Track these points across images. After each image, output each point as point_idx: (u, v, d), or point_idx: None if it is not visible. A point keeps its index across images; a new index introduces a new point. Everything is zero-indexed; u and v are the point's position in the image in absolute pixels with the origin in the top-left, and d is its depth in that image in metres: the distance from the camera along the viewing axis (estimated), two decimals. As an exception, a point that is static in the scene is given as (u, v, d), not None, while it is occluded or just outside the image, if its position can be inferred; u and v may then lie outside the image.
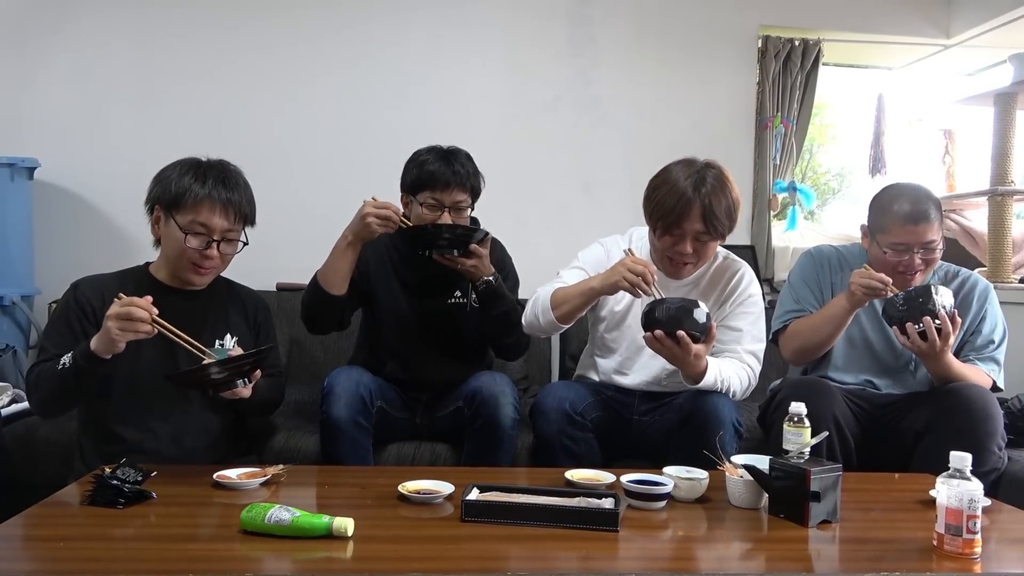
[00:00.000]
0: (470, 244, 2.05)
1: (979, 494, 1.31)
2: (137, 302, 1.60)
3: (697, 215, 1.95)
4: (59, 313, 1.84)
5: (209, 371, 1.66)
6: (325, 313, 2.14)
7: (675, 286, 2.11)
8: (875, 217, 2.15)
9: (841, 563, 1.36)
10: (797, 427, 1.55)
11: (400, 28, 3.39)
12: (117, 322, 1.58)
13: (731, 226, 2.01)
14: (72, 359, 1.66)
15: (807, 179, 4.15)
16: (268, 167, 3.27)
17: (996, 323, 2.18)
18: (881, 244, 2.11)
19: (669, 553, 1.41)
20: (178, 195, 1.79)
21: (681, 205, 1.94)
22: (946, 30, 3.71)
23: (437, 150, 2.16)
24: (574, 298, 2.02)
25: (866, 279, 2.00)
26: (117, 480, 1.48)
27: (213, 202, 1.79)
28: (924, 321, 1.93)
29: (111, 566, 1.21)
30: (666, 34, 3.53)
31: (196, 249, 1.80)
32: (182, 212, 1.79)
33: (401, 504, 1.53)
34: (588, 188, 3.47)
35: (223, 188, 1.81)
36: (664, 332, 1.81)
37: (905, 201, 2.07)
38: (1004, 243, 3.10)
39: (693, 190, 1.94)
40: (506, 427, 2.03)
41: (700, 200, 1.94)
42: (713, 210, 1.94)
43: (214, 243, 1.81)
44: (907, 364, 2.21)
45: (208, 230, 1.80)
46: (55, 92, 3.23)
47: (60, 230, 3.21)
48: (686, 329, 1.81)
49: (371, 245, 2.20)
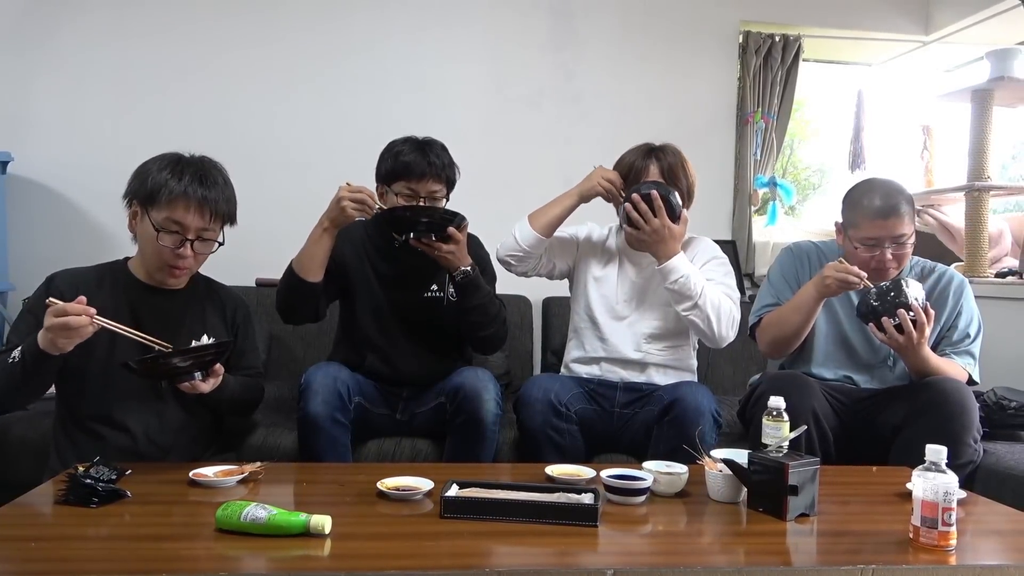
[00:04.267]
0: (448, 229, 2.01)
1: (954, 487, 1.32)
2: (70, 308, 1.54)
3: (655, 173, 2.16)
4: (29, 306, 1.80)
5: (168, 360, 1.64)
6: (300, 302, 2.12)
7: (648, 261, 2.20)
8: (847, 212, 2.17)
9: (819, 556, 1.37)
10: (776, 421, 1.56)
11: (381, 23, 3.37)
12: (56, 333, 1.54)
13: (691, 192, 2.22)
14: (21, 354, 1.62)
15: (787, 175, 4.17)
16: (247, 161, 3.22)
17: (972, 317, 2.21)
18: (852, 239, 2.13)
19: (649, 548, 1.42)
20: (154, 190, 1.75)
21: (638, 167, 2.18)
22: (925, 26, 3.75)
23: (412, 140, 2.15)
24: (551, 208, 2.23)
25: (842, 272, 2.02)
26: (91, 479, 1.46)
27: (188, 199, 1.75)
28: (899, 314, 1.95)
29: (84, 566, 1.19)
30: (648, 29, 3.54)
31: (169, 248, 1.77)
32: (157, 208, 1.76)
33: (380, 501, 1.52)
34: (570, 183, 3.44)
35: (200, 185, 1.77)
36: (640, 196, 2.06)
37: (875, 196, 2.08)
38: (981, 238, 3.13)
39: (646, 156, 2.19)
40: (488, 423, 2.02)
41: (657, 161, 2.18)
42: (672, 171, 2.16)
43: (188, 242, 1.78)
44: (885, 359, 2.23)
45: (182, 228, 1.76)
46: (29, 85, 3.17)
47: (34, 225, 3.16)
48: (660, 193, 2.06)
49: (347, 238, 2.19)
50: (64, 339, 1.56)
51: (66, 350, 1.59)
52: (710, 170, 3.56)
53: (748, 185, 3.58)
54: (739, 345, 2.82)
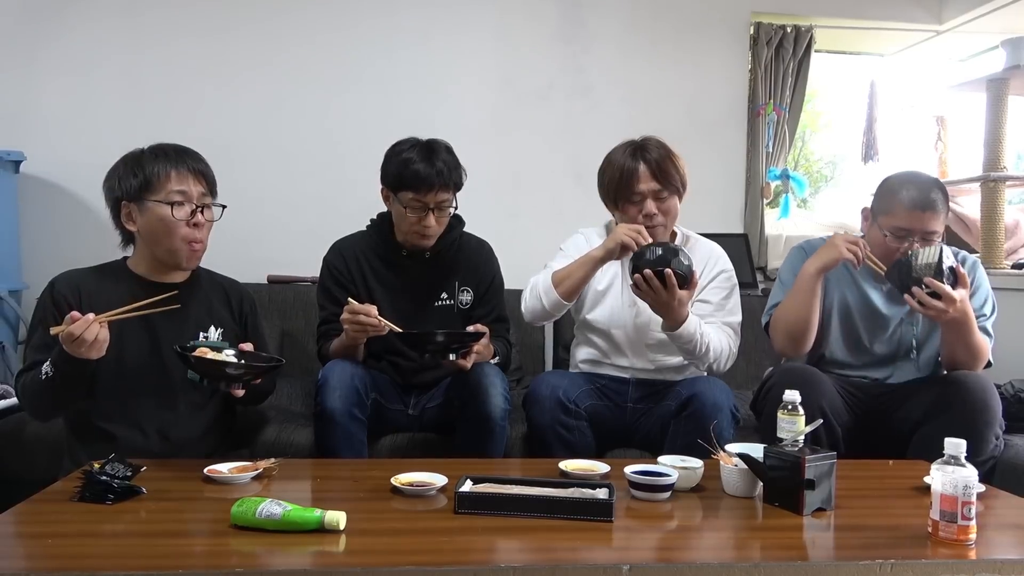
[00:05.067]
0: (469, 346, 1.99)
1: (974, 480, 1.30)
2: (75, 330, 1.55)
3: (647, 175, 2.09)
4: (38, 316, 1.81)
5: (226, 367, 1.70)
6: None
7: None
8: (881, 199, 2.12)
9: (836, 551, 1.36)
10: (791, 415, 1.55)
11: (389, 16, 3.36)
12: (81, 351, 1.57)
13: (684, 180, 2.13)
14: (52, 366, 1.64)
15: (800, 167, 4.14)
16: (258, 159, 3.26)
17: (987, 295, 2.18)
18: (883, 226, 2.09)
19: (664, 543, 1.41)
20: (147, 179, 1.78)
21: (628, 170, 2.09)
22: (938, 16, 3.71)
23: (418, 145, 2.11)
24: (575, 271, 2.07)
25: (853, 244, 2.03)
26: (106, 476, 1.46)
27: (182, 171, 1.80)
28: (927, 282, 1.93)
29: (101, 562, 1.19)
30: (658, 21, 3.52)
31: (185, 221, 1.79)
32: (157, 191, 1.78)
33: (394, 497, 1.52)
34: (581, 178, 3.44)
35: (187, 158, 1.83)
36: (652, 271, 1.89)
37: (914, 187, 2.05)
38: (997, 229, 3.09)
39: (633, 157, 2.10)
40: (496, 418, 2.01)
41: (644, 161, 2.09)
42: (661, 166, 2.08)
43: (198, 210, 1.81)
44: (908, 351, 2.20)
45: (187, 197, 1.80)
46: (41, 85, 3.19)
47: (47, 224, 3.18)
48: (673, 268, 1.89)
49: (348, 252, 2.21)
50: (93, 351, 1.59)
51: (101, 355, 1.62)
52: (721, 163, 3.55)
53: (760, 178, 3.56)
54: (752, 340, 2.82)
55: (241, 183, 2.02)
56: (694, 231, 2.31)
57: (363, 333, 1.99)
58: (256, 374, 1.76)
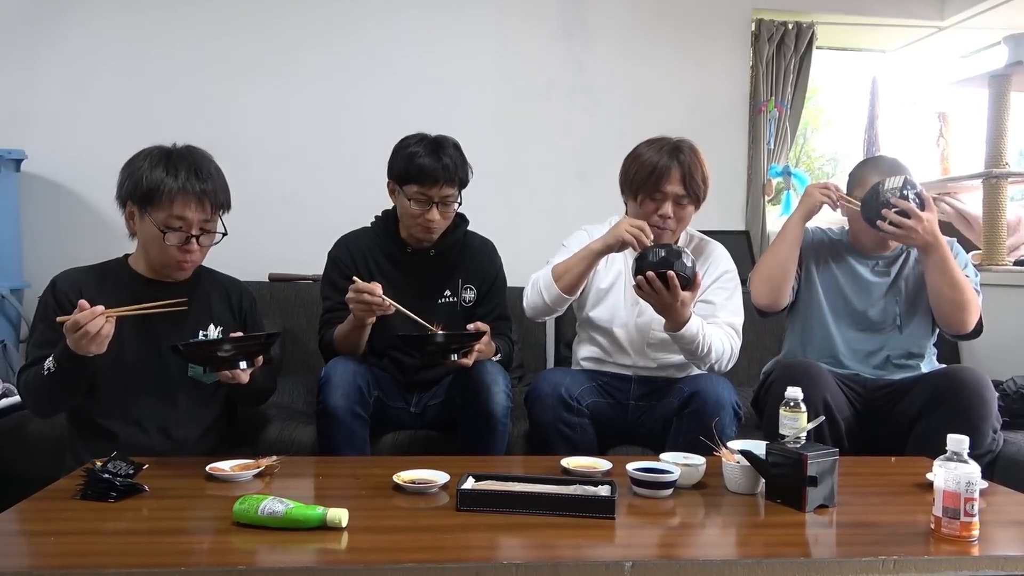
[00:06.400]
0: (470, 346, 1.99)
1: (977, 477, 1.30)
2: (81, 319, 1.55)
3: (677, 177, 2.07)
4: (40, 313, 1.81)
5: (218, 346, 1.67)
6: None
7: None
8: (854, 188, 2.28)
9: (839, 548, 1.35)
10: (793, 412, 1.55)
11: (390, 14, 3.36)
12: (82, 345, 1.57)
13: (705, 192, 2.13)
14: (55, 362, 1.63)
15: (801, 164, 4.14)
16: (259, 157, 3.26)
17: (966, 262, 2.23)
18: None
19: (667, 540, 1.40)
20: (151, 190, 1.74)
21: (661, 168, 2.07)
22: (940, 12, 3.70)
23: (426, 140, 2.11)
24: (575, 265, 2.06)
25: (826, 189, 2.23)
26: (109, 473, 1.46)
27: (187, 195, 1.75)
28: (894, 201, 2.05)
29: (104, 560, 1.19)
30: (659, 17, 3.51)
31: (176, 246, 1.77)
32: (157, 208, 1.75)
33: (396, 494, 1.52)
34: (582, 175, 3.46)
35: (196, 179, 1.76)
36: (655, 273, 1.87)
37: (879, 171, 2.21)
38: (999, 226, 3.09)
39: (670, 156, 2.08)
40: (498, 415, 2.01)
41: (679, 163, 2.07)
42: (691, 173, 2.07)
43: (193, 238, 1.78)
44: (893, 320, 2.24)
45: (186, 224, 1.76)
46: (42, 83, 3.19)
47: (48, 222, 3.18)
48: (676, 271, 1.88)
49: (353, 247, 2.21)
50: (94, 345, 1.58)
51: (102, 351, 1.61)
52: (723, 160, 3.54)
53: (762, 175, 3.56)
54: (754, 337, 2.82)
55: (242, 182, 2.01)
56: (695, 228, 2.30)
57: (369, 313, 1.98)
58: (251, 351, 1.72)
